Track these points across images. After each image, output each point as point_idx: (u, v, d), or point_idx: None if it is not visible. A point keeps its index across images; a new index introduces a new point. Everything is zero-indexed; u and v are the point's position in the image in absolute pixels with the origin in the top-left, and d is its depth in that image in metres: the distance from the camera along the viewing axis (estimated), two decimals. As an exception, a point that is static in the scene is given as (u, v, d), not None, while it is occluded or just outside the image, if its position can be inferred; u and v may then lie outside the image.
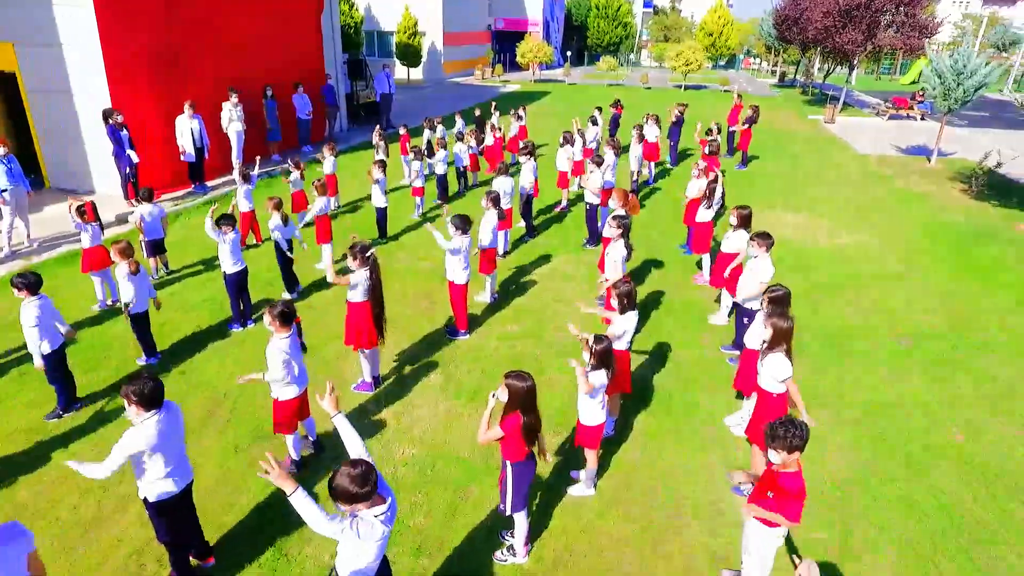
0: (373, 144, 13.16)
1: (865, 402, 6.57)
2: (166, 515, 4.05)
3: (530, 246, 10.77)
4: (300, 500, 3.08)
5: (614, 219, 6.67)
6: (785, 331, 4.67)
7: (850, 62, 26.92)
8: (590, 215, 10.55)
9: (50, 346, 5.72)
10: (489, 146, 14.81)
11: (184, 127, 12.62)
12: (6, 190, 9.62)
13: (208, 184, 13.56)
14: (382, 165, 10.36)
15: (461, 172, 13.84)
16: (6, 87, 12.37)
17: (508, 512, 4.28)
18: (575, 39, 57.46)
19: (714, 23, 48.26)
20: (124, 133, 11.40)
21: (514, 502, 4.25)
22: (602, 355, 4.60)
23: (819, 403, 6.40)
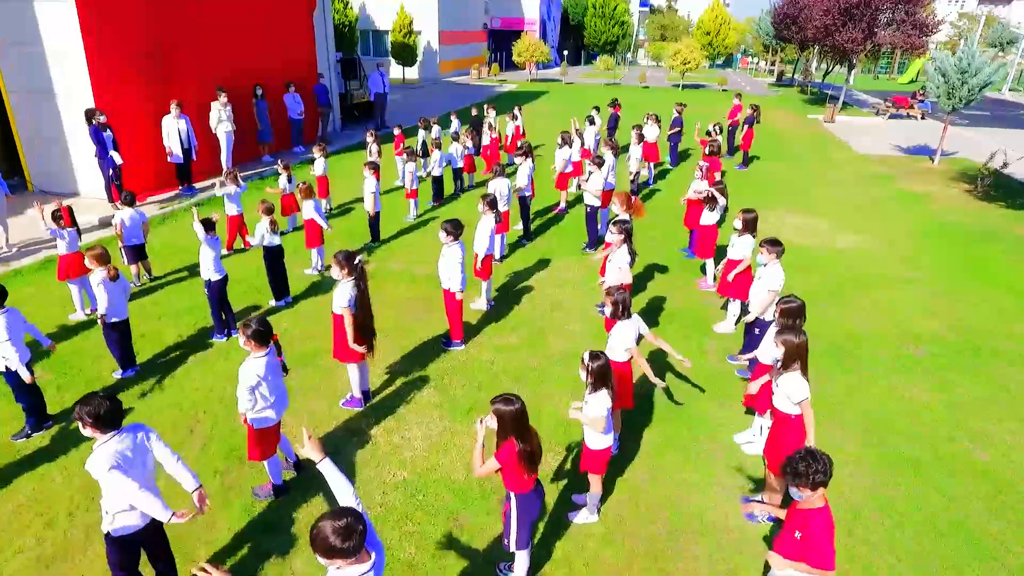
0: (365, 145, 12.80)
1: (875, 413, 6.25)
2: (124, 552, 3.70)
3: (527, 250, 10.44)
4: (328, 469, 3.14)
5: (616, 224, 6.33)
6: (797, 348, 4.34)
7: (850, 61, 26.65)
8: (590, 218, 10.22)
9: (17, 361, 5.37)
10: (485, 146, 14.47)
11: (171, 128, 12.26)
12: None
13: (196, 186, 13.19)
14: (374, 168, 10.00)
15: (457, 173, 13.50)
16: (-14, 87, 12.01)
17: (512, 548, 3.95)
18: (572, 38, 57.17)
19: (711, 22, 48.03)
20: (108, 134, 11.04)
21: (518, 538, 3.91)
22: (599, 373, 4.24)
23: (828, 414, 6.08)
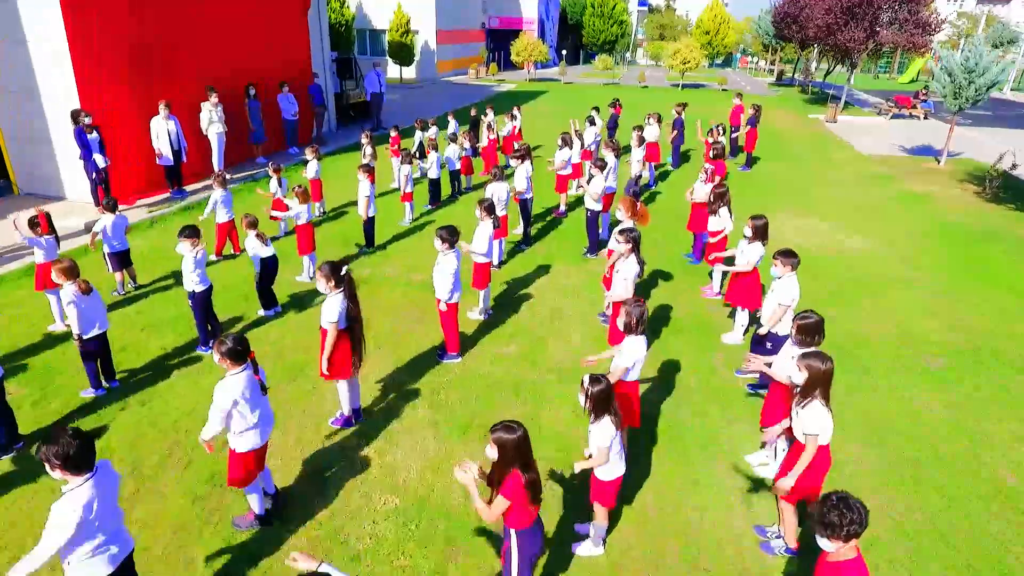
0: (360, 146, 12.48)
1: (875, 413, 5.94)
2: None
3: (527, 255, 10.13)
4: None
5: (622, 233, 6.01)
6: (823, 375, 3.96)
7: (852, 60, 26.35)
8: (591, 222, 9.90)
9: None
10: (484, 148, 14.14)
11: (160, 129, 11.91)
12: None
13: (187, 189, 12.85)
14: (368, 171, 9.67)
15: (454, 175, 13.18)
16: (-32, 87, 11.66)
17: (511, 589, 3.62)
18: (570, 38, 56.82)
19: (711, 21, 47.73)
20: (94, 136, 10.70)
21: (519, 577, 3.58)
22: (601, 399, 3.89)
23: (839, 427, 5.74)
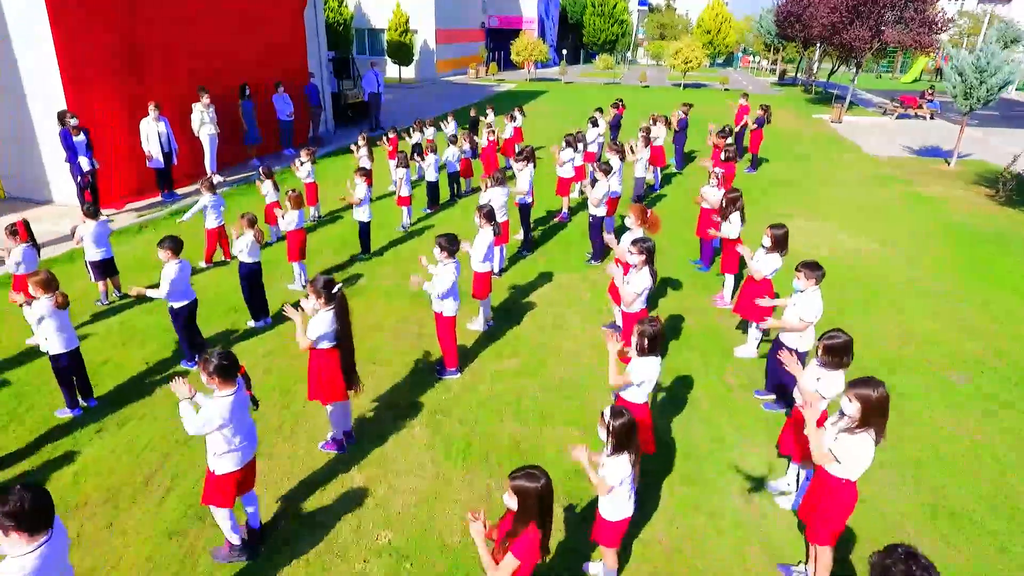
0: (354, 147, 12.10)
1: (908, 440, 5.59)
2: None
3: (528, 262, 9.76)
4: None
5: (636, 244, 5.63)
6: (877, 404, 3.55)
7: (857, 60, 25.98)
8: (594, 228, 9.53)
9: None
10: (483, 149, 13.77)
11: (150, 130, 11.55)
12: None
13: (178, 192, 12.49)
14: (364, 174, 9.30)
15: (453, 178, 12.81)
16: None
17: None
18: (570, 37, 56.45)
19: (712, 20, 47.38)
20: (81, 139, 10.33)
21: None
22: (622, 434, 3.54)
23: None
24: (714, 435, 5.75)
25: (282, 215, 8.17)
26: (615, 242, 6.83)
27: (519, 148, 10.36)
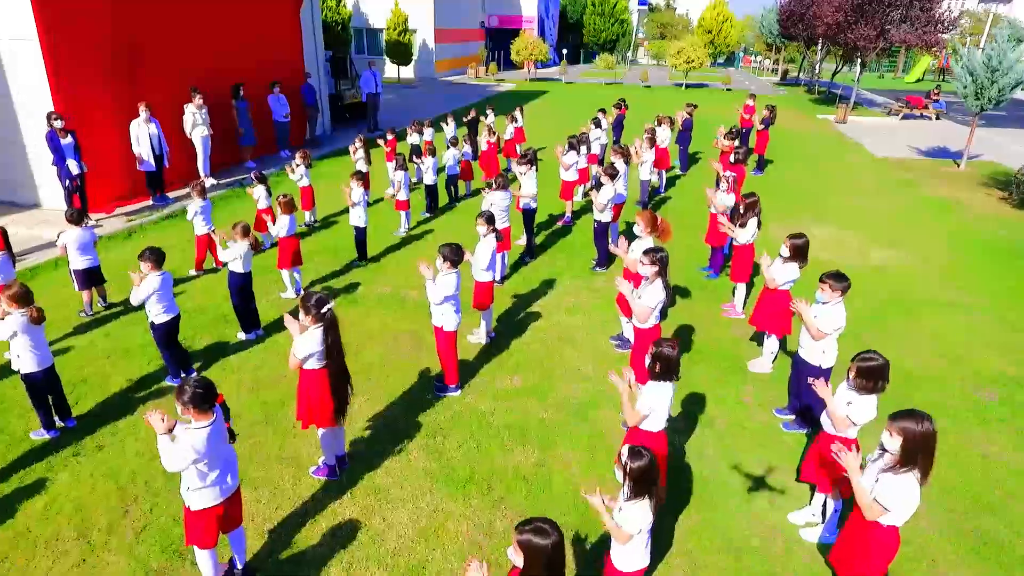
0: (352, 149, 11.76)
1: (949, 471, 5.24)
2: None
3: (530, 269, 9.41)
4: None
5: (647, 254, 5.28)
6: (922, 440, 3.21)
7: (862, 59, 25.65)
8: (599, 233, 9.19)
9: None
10: (483, 152, 13.42)
11: (140, 132, 11.19)
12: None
13: (170, 196, 12.12)
14: (360, 178, 8.95)
15: (452, 181, 12.46)
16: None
17: None
18: (571, 37, 56.11)
19: (713, 20, 47.07)
20: (68, 140, 9.98)
21: None
22: (642, 478, 3.18)
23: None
24: (731, 458, 5.40)
25: (271, 221, 7.82)
26: (623, 251, 6.47)
27: (522, 150, 10.01)
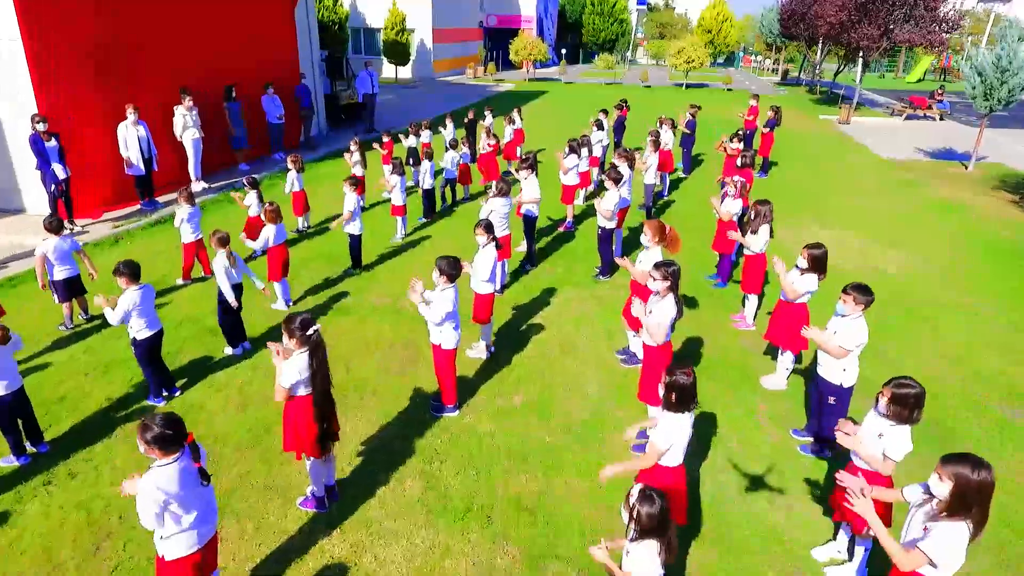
0: (348, 153, 11.43)
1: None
2: None
3: (531, 277, 9.07)
4: None
5: (659, 268, 4.93)
6: (977, 489, 2.86)
7: (865, 59, 25.34)
8: (603, 241, 8.85)
9: None
10: (482, 154, 13.07)
11: (128, 135, 10.84)
12: None
13: (160, 200, 11.77)
14: (354, 184, 8.60)
15: (451, 185, 12.13)
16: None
17: None
18: (570, 36, 55.79)
19: (713, 19, 46.79)
20: (52, 144, 9.63)
21: None
22: (649, 525, 2.87)
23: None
24: (746, 484, 5.07)
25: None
26: (629, 265, 6.13)
27: (523, 155, 9.68)
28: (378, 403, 6.02)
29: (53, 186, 9.69)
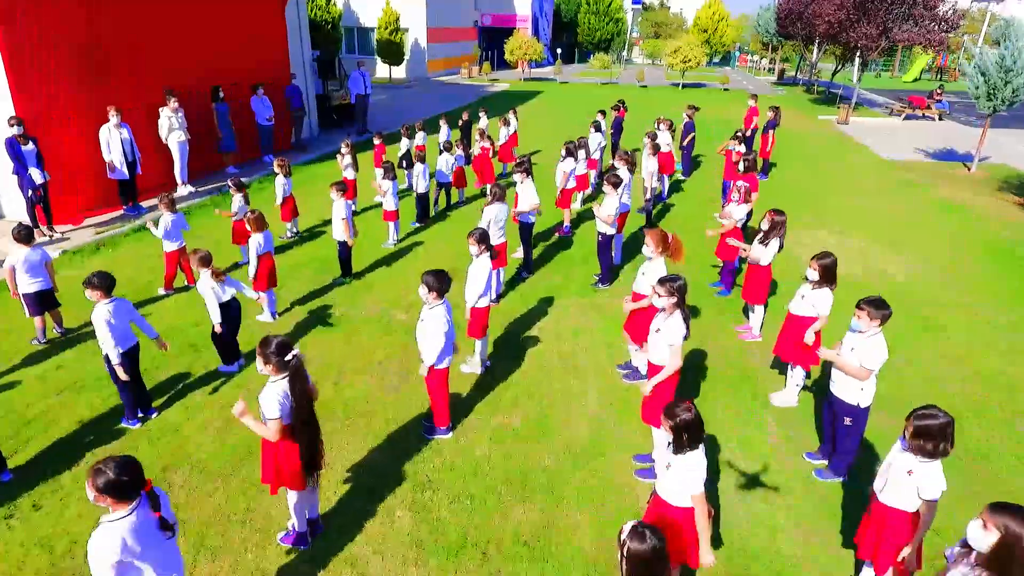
0: (339, 156, 11.09)
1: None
2: None
3: (528, 286, 8.75)
4: None
5: (664, 284, 4.60)
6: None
7: (863, 59, 25.10)
8: (602, 247, 8.53)
9: None
10: (476, 157, 12.74)
11: (111, 138, 10.47)
12: None
13: (143, 205, 11.40)
14: (343, 189, 8.24)
15: (445, 188, 11.79)
16: None
17: None
18: (565, 36, 55.51)
19: (709, 19, 46.57)
20: (29, 147, 9.26)
21: None
22: (637, 567, 2.54)
23: (953, 531, 4.42)
24: (759, 514, 4.75)
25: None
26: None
27: (519, 159, 9.36)
28: (367, 424, 5.68)
29: (30, 191, 9.33)
